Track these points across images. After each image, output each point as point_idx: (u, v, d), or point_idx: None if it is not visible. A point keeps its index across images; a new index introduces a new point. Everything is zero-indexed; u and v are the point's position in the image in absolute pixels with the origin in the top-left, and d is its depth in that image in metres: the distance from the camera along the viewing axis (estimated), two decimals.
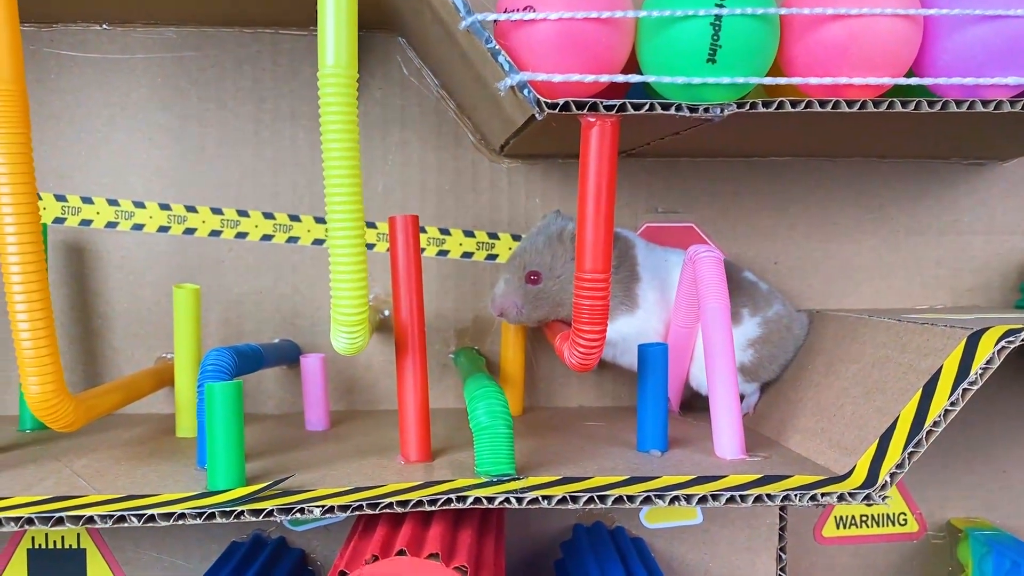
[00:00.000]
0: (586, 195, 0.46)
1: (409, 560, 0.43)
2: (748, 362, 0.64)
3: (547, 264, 0.62)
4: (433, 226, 0.72)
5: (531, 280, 0.62)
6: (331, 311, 0.48)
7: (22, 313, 0.47)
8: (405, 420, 0.53)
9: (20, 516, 0.44)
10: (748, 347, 0.64)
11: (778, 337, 0.65)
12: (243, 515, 0.45)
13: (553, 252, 0.62)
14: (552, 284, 0.62)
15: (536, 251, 0.62)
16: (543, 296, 0.62)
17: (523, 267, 0.62)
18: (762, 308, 0.65)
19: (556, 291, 0.62)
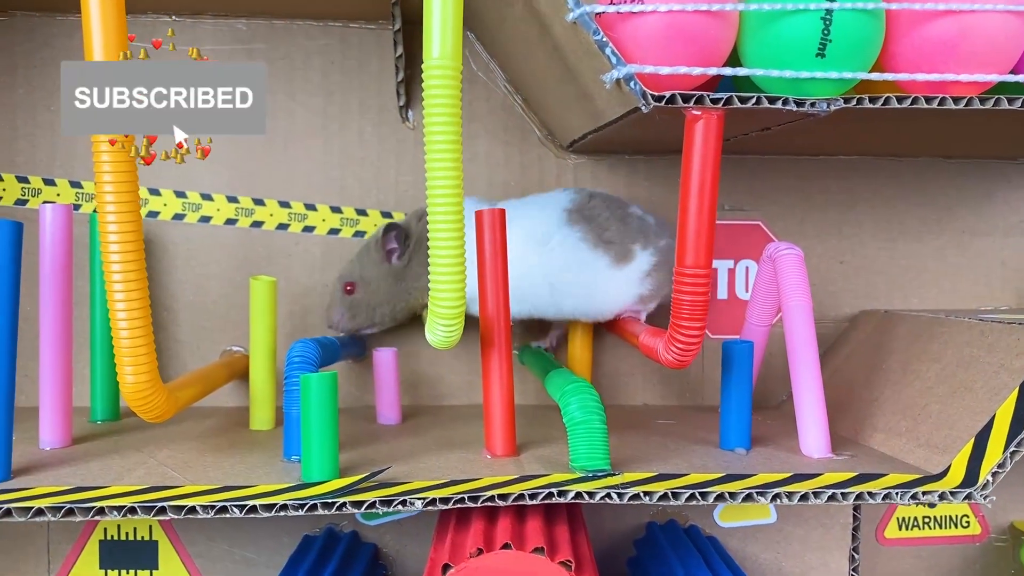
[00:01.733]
0: (689, 190, 0.46)
1: (514, 554, 0.43)
2: (646, 292, 0.64)
3: (358, 274, 0.65)
4: None
5: (347, 291, 0.65)
6: (429, 303, 0.47)
7: (120, 303, 0.46)
8: (491, 415, 0.53)
9: (123, 505, 0.44)
10: (645, 278, 0.63)
11: (669, 266, 0.62)
12: (344, 507, 0.45)
13: (362, 261, 0.66)
14: (364, 292, 0.65)
15: (351, 263, 0.66)
16: (359, 304, 0.65)
17: (340, 279, 0.66)
18: (653, 241, 0.63)
19: (368, 297, 0.65)
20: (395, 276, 0.65)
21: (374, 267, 0.65)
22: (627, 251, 0.62)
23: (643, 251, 0.63)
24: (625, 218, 0.63)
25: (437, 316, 0.47)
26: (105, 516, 0.44)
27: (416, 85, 0.71)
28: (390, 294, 0.65)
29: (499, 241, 0.53)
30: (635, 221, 0.63)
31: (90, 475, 0.48)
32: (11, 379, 0.48)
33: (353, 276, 0.65)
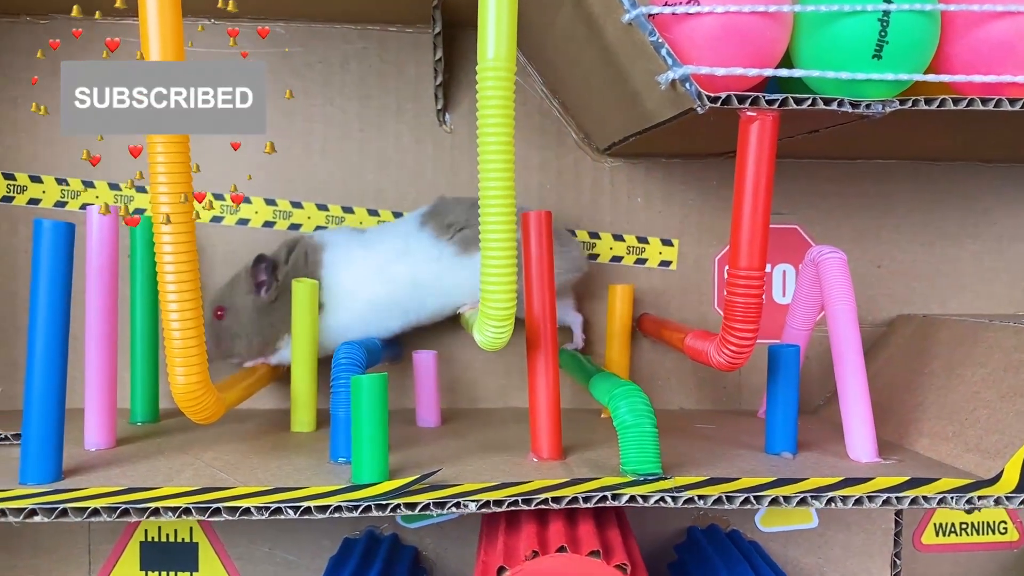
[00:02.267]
0: (743, 191, 0.46)
1: (569, 557, 0.43)
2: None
3: (228, 300, 0.63)
4: None
5: (216, 316, 0.63)
6: (480, 304, 0.47)
7: (173, 303, 0.46)
8: (537, 417, 0.53)
9: (177, 506, 0.44)
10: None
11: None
12: (399, 508, 0.45)
13: (233, 288, 0.63)
14: (231, 319, 0.62)
15: (224, 288, 0.64)
16: (225, 331, 0.63)
17: (212, 303, 0.63)
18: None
19: (232, 325, 0.62)
20: (260, 310, 0.62)
21: (242, 296, 0.63)
22: (474, 240, 0.60)
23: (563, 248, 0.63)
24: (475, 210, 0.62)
25: (488, 317, 0.47)
26: (160, 517, 0.44)
27: (454, 89, 0.71)
28: (254, 327, 0.62)
29: (545, 243, 0.52)
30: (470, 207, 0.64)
31: (140, 476, 0.48)
32: (63, 381, 0.48)
33: (223, 301, 0.63)
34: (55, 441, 0.48)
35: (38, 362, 0.47)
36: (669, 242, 0.72)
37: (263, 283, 0.62)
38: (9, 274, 0.69)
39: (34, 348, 0.47)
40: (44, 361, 0.47)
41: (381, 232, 0.65)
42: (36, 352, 0.47)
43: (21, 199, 0.69)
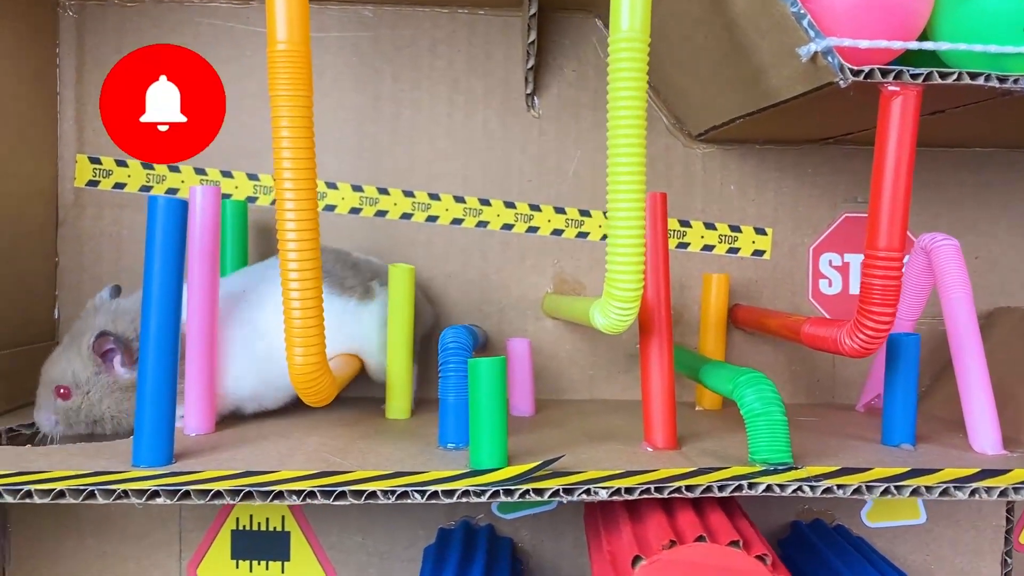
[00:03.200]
0: (883, 169, 0.44)
1: (708, 547, 0.41)
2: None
3: (71, 379, 0.54)
4: None
5: (61, 395, 0.54)
6: (605, 285, 0.46)
7: (294, 283, 0.45)
8: (651, 406, 0.51)
9: (301, 489, 0.43)
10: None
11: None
12: (528, 494, 0.43)
13: (73, 365, 0.54)
14: (82, 401, 0.54)
15: (62, 361, 0.55)
16: (75, 412, 0.54)
17: (50, 380, 0.55)
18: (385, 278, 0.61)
19: (88, 408, 0.54)
20: (124, 389, 0.54)
21: (91, 373, 0.54)
22: (368, 289, 0.61)
23: (382, 287, 0.61)
24: (355, 264, 0.62)
25: (613, 299, 0.45)
26: (284, 500, 0.43)
27: (542, 73, 0.69)
28: (119, 407, 0.54)
29: (661, 226, 0.51)
30: (364, 264, 0.63)
31: (251, 460, 0.47)
32: (175, 362, 0.47)
33: (66, 380, 0.54)
34: (168, 424, 0.47)
35: (151, 342, 0.46)
36: (763, 231, 0.70)
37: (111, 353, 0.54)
38: (94, 257, 0.68)
39: (147, 328, 0.46)
40: (157, 341, 0.46)
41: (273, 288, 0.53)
42: (150, 332, 0.46)
43: (107, 183, 0.68)
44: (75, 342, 0.55)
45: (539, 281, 0.70)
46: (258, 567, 0.62)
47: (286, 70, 0.44)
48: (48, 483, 0.43)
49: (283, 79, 0.44)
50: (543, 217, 0.70)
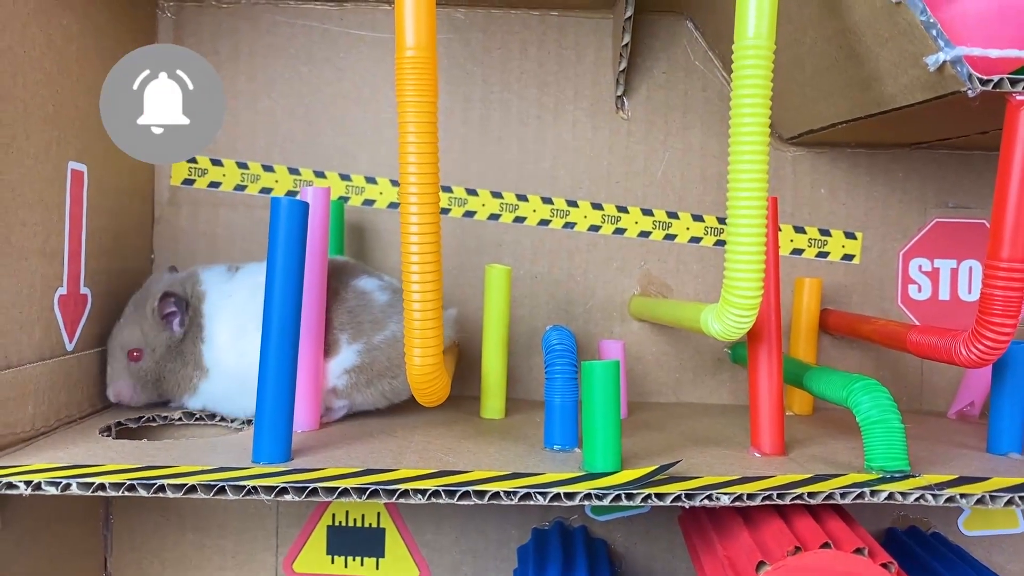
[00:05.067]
0: (1009, 179, 0.44)
1: (834, 554, 0.41)
2: (341, 386, 0.57)
3: (140, 339, 0.58)
4: (712, 215, 0.70)
5: (133, 358, 0.58)
6: (723, 292, 0.46)
7: (416, 284, 0.46)
8: (759, 411, 0.51)
9: (425, 488, 0.43)
10: (343, 374, 0.56)
11: (383, 367, 0.57)
12: (650, 498, 0.44)
13: (143, 326, 0.58)
14: (151, 360, 0.58)
15: (129, 327, 0.58)
16: (147, 373, 0.58)
17: (120, 345, 0.58)
18: (367, 332, 0.56)
19: (155, 367, 0.58)
20: (172, 347, 0.58)
21: (156, 333, 0.58)
22: (331, 341, 0.56)
23: (350, 345, 0.56)
24: (342, 296, 0.57)
25: (731, 305, 0.45)
26: (410, 499, 0.43)
27: (632, 75, 0.69)
28: (172, 367, 0.58)
29: (772, 233, 0.51)
30: (353, 300, 0.57)
31: (367, 458, 0.48)
32: (295, 359, 0.48)
33: (135, 342, 0.58)
34: (287, 421, 0.47)
35: (272, 340, 0.47)
36: (852, 235, 0.70)
37: (173, 315, 0.58)
38: (188, 255, 0.70)
39: (269, 327, 0.47)
40: (278, 339, 0.47)
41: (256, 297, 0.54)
42: (271, 330, 0.47)
43: (202, 182, 0.70)
44: (139, 309, 0.59)
45: (625, 283, 0.70)
46: (353, 563, 0.63)
47: (414, 76, 0.44)
48: (179, 478, 0.44)
49: (411, 85, 0.44)
50: (630, 219, 0.70)
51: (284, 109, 0.69)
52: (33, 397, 0.52)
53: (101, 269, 0.61)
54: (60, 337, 0.56)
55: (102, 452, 0.48)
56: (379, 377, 0.57)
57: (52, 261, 0.55)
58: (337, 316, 0.56)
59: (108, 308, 0.62)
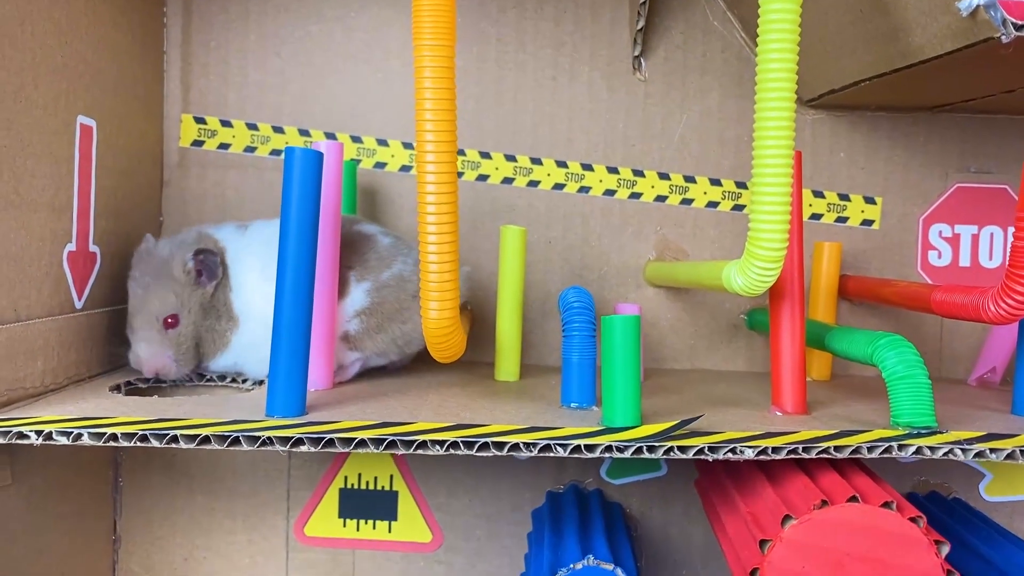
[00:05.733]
0: None
1: (861, 507, 0.41)
2: (353, 331, 0.56)
3: (175, 301, 0.55)
4: (729, 179, 0.69)
5: (169, 324, 0.55)
6: (747, 245, 0.45)
7: (432, 236, 0.45)
8: (781, 370, 0.51)
9: (443, 440, 0.43)
10: (354, 317, 0.55)
11: (393, 308, 0.56)
12: (672, 451, 0.43)
13: (174, 289, 0.55)
14: (187, 322, 0.55)
15: (153, 297, 0.55)
16: (186, 338, 0.56)
17: (153, 315, 0.55)
18: (374, 269, 0.56)
19: (193, 328, 0.56)
20: (205, 305, 0.56)
21: (189, 292, 0.56)
22: (340, 281, 0.54)
23: (359, 284, 0.55)
24: (346, 239, 0.55)
25: (756, 259, 0.44)
26: (428, 450, 0.43)
27: (649, 35, 0.68)
28: (207, 324, 0.56)
29: (797, 188, 0.50)
30: (357, 241, 0.57)
31: (382, 413, 0.47)
32: (310, 311, 0.47)
33: (169, 307, 0.55)
34: (301, 375, 0.47)
35: (287, 293, 0.46)
36: (872, 200, 0.69)
37: (204, 271, 0.56)
38: (198, 218, 0.69)
39: (283, 279, 0.46)
40: (293, 292, 0.46)
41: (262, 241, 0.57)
42: (285, 283, 0.46)
43: (211, 144, 0.69)
44: (160, 275, 0.55)
45: (641, 248, 0.69)
46: (365, 526, 0.62)
47: (430, 17, 0.43)
48: (192, 429, 0.43)
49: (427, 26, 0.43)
50: (646, 183, 0.69)
51: (294, 69, 0.68)
52: (43, 353, 0.52)
53: (110, 229, 0.60)
54: (69, 294, 0.55)
55: (113, 407, 0.48)
56: (389, 321, 0.56)
57: (61, 216, 0.54)
58: (344, 256, 0.55)
59: (117, 269, 0.61)
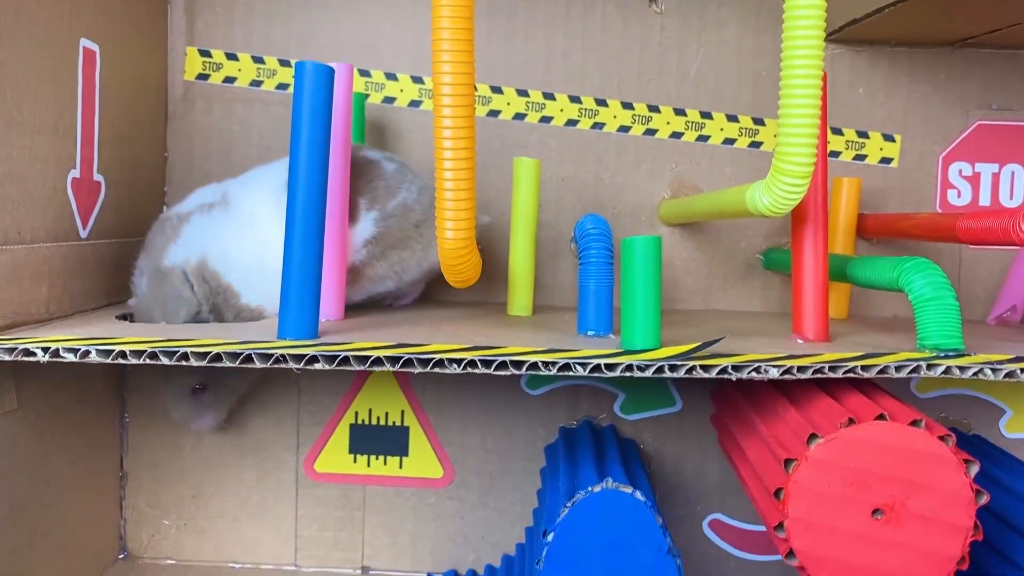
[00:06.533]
0: None
1: (889, 425, 0.40)
2: (359, 261, 0.54)
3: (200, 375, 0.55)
4: (747, 115, 0.67)
5: (199, 391, 0.56)
6: (774, 161, 0.44)
7: (449, 152, 0.44)
8: (803, 296, 0.49)
9: (461, 359, 0.42)
10: (363, 247, 0.54)
11: (396, 237, 0.55)
12: (695, 370, 0.42)
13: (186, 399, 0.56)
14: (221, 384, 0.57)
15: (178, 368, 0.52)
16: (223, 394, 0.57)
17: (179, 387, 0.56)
18: (381, 199, 0.54)
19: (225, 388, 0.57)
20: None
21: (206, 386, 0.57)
22: (352, 206, 0.53)
23: (367, 212, 0.54)
24: (355, 163, 0.54)
25: (782, 174, 0.43)
26: (444, 368, 0.42)
27: None
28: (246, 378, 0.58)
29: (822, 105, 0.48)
30: (364, 167, 0.55)
31: (396, 338, 0.46)
32: (322, 232, 0.45)
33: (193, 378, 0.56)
34: (313, 298, 0.45)
35: (298, 212, 0.45)
36: (891, 137, 0.67)
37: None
38: (204, 153, 0.67)
39: (294, 198, 0.45)
40: (304, 212, 0.45)
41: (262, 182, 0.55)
42: (297, 201, 0.45)
43: (216, 77, 0.67)
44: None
45: (655, 187, 0.68)
46: (376, 462, 0.62)
47: None
48: (203, 347, 0.42)
49: None
50: (662, 119, 0.67)
51: (301, 1, 0.66)
52: (48, 279, 0.51)
53: (115, 158, 0.59)
54: (74, 222, 0.54)
55: (121, 331, 0.46)
56: (391, 249, 0.55)
57: (65, 141, 0.53)
58: (352, 181, 0.53)
59: (122, 200, 0.60)
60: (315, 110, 0.45)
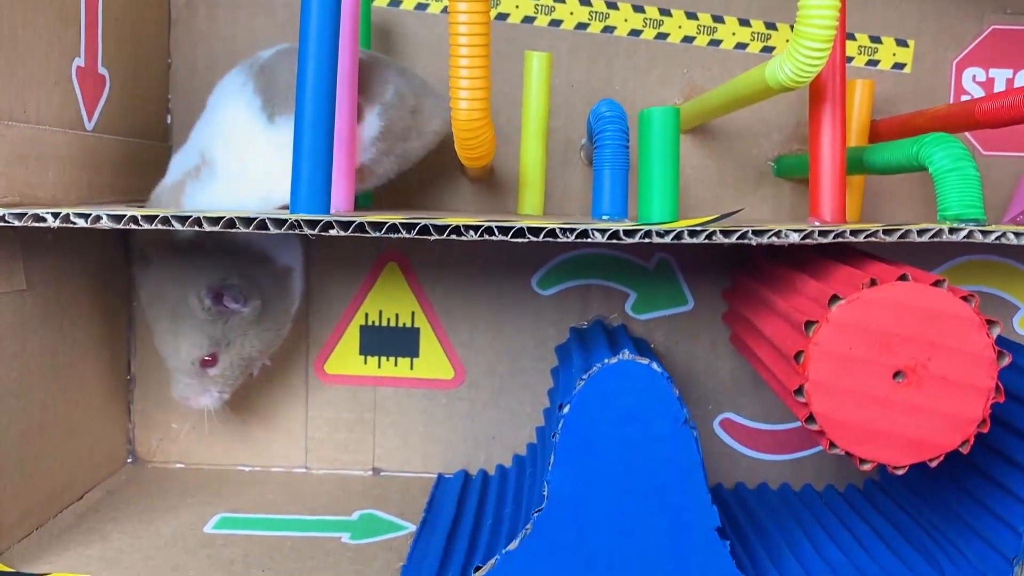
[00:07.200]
0: None
1: (913, 286, 0.39)
2: (367, 160, 0.53)
3: (209, 340, 0.53)
4: (759, 20, 0.66)
5: (207, 363, 0.53)
6: (796, 26, 0.43)
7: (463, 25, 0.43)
8: (821, 176, 0.49)
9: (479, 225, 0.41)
10: (370, 146, 0.53)
11: (399, 127, 0.53)
12: (714, 235, 0.41)
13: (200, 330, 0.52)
14: (230, 353, 0.54)
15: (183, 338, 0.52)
16: (231, 368, 0.54)
17: (186, 361, 0.53)
18: (378, 93, 0.52)
19: (238, 356, 0.54)
20: (254, 321, 0.54)
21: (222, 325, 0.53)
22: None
23: (369, 110, 0.52)
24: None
25: (805, 38, 0.42)
26: (462, 236, 0.41)
27: None
28: (261, 339, 0.55)
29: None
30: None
31: None
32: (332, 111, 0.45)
33: (204, 348, 0.53)
34: (325, 173, 0.45)
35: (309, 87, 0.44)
36: (904, 43, 0.66)
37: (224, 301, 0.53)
38: (207, 60, 0.66)
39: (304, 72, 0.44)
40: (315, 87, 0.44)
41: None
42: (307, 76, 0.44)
43: None
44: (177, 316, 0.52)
45: (666, 94, 0.67)
46: (387, 363, 0.61)
47: None
48: (215, 214, 0.41)
49: None
50: (673, 23, 0.66)
51: None
52: (54, 165, 0.50)
53: (120, 56, 0.58)
54: (79, 113, 0.53)
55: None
56: (397, 141, 0.54)
57: (69, 28, 0.52)
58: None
59: (125, 99, 0.59)
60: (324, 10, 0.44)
